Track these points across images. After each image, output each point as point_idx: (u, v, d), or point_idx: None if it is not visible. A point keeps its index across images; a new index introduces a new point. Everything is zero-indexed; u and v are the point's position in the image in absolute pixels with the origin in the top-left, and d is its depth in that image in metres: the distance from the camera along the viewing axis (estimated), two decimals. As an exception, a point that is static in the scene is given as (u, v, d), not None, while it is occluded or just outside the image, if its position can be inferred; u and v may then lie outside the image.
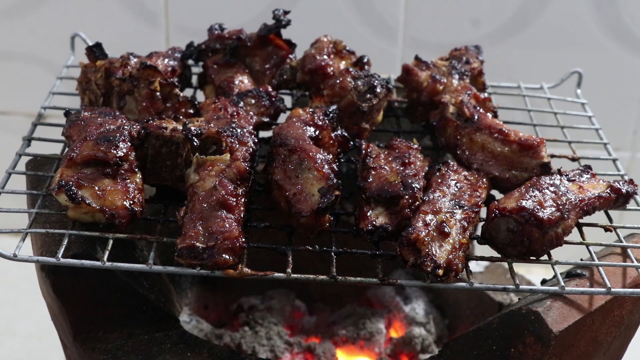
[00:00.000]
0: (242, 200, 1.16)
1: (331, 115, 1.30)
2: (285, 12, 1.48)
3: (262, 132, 1.38)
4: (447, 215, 1.17)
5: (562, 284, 1.15)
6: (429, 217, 1.16)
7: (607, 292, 1.14)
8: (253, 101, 1.37)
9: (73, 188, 1.12)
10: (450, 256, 1.12)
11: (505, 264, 1.20)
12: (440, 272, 1.10)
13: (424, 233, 1.13)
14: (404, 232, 1.13)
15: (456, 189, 1.24)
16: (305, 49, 1.47)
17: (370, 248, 1.18)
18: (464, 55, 1.51)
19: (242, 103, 1.34)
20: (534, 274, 1.94)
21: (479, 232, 1.23)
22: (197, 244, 1.09)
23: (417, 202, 1.19)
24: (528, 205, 1.16)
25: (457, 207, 1.20)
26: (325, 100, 1.37)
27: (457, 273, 1.12)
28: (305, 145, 1.22)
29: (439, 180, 1.25)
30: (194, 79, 1.54)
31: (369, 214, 1.18)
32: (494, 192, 1.31)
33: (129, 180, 1.17)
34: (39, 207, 1.21)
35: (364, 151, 1.31)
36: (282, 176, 1.20)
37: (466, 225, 1.17)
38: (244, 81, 1.44)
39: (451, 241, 1.13)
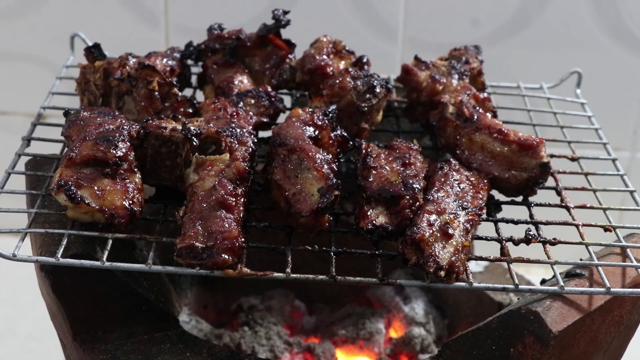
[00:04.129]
0: (242, 200, 1.15)
1: (331, 115, 1.30)
2: (285, 12, 1.48)
3: (261, 132, 1.38)
4: (451, 216, 1.17)
5: (562, 283, 1.15)
6: (432, 217, 1.15)
7: (606, 292, 1.14)
8: (252, 101, 1.37)
9: (72, 188, 1.11)
10: (453, 258, 1.11)
11: (505, 264, 1.20)
12: (442, 273, 1.10)
13: (428, 233, 1.12)
14: (409, 230, 1.13)
15: (459, 190, 1.24)
16: (305, 49, 1.47)
17: (369, 248, 1.18)
18: (463, 55, 1.51)
19: (241, 103, 1.34)
20: (533, 274, 1.94)
21: (479, 233, 1.23)
22: (197, 243, 1.09)
23: (418, 203, 1.19)
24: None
25: (461, 208, 1.19)
26: (325, 100, 1.37)
27: (459, 275, 1.12)
28: (304, 145, 1.22)
29: (442, 180, 1.24)
30: (194, 79, 1.54)
31: (369, 213, 1.18)
32: (494, 192, 1.31)
33: (128, 180, 1.16)
34: (38, 207, 1.21)
35: (364, 151, 1.30)
36: (282, 176, 1.20)
37: (469, 227, 1.17)
38: (243, 81, 1.44)
39: (454, 243, 1.13)
